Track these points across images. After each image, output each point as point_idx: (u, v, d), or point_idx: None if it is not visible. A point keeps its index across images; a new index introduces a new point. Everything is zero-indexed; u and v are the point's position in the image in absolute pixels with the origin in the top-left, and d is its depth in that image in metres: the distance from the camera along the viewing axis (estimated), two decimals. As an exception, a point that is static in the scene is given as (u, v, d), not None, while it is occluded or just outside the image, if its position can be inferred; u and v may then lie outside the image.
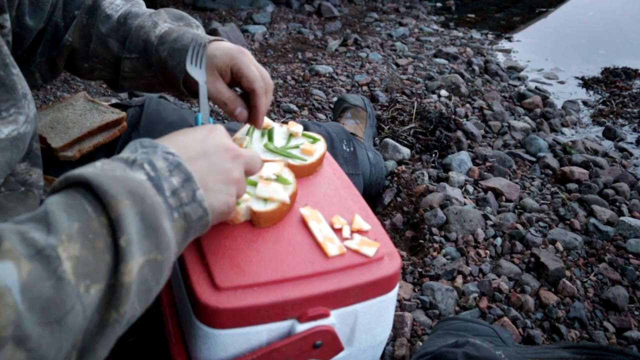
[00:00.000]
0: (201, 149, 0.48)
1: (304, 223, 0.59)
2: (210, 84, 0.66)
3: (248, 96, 0.67)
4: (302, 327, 0.52)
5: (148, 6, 0.76)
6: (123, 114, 0.86)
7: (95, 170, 0.39)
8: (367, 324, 0.58)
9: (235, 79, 0.67)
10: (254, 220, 0.57)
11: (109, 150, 0.84)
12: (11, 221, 0.36)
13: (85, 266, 0.35)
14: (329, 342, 0.54)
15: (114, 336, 0.38)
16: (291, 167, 0.65)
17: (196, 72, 0.65)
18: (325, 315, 0.53)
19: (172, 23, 0.71)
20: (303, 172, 0.67)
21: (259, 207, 0.57)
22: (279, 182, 0.60)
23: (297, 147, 0.69)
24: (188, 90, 0.71)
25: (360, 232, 0.59)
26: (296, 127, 0.71)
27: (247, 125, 0.71)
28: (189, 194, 0.44)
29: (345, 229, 0.59)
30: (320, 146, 0.70)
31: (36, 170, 0.57)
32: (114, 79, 0.76)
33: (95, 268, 0.36)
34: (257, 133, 0.71)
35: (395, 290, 0.59)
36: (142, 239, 0.38)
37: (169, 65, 0.68)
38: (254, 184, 0.60)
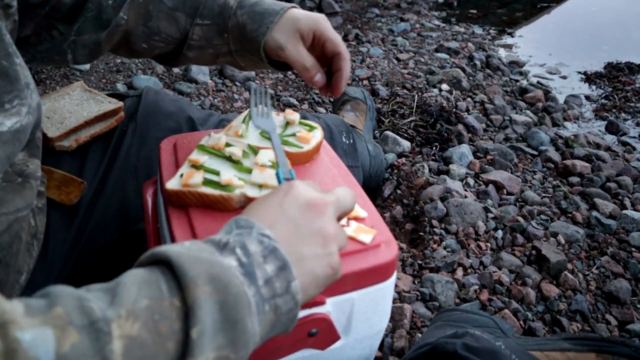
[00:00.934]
0: (284, 216, 0.43)
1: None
2: (292, 46, 0.65)
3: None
4: (297, 315, 0.51)
5: None
6: (120, 103, 0.86)
7: (181, 249, 0.36)
8: (364, 313, 0.57)
9: (316, 44, 0.67)
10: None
11: (106, 140, 0.84)
12: (84, 288, 0.33)
13: (140, 350, 0.31)
14: (325, 330, 0.53)
15: None
16: (287, 155, 0.64)
17: (265, 123, 0.61)
18: (321, 303, 0.52)
19: None
20: (299, 160, 0.66)
21: (253, 193, 0.56)
22: (274, 168, 0.60)
23: (293, 134, 0.68)
24: (269, 56, 0.69)
25: (357, 219, 0.58)
26: (293, 115, 0.71)
27: (244, 114, 0.70)
28: (283, 284, 0.38)
29: (342, 216, 0.58)
30: (317, 134, 0.69)
31: (34, 161, 0.56)
32: (174, 53, 0.73)
33: (151, 354, 0.31)
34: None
35: (393, 279, 0.58)
36: (216, 333, 0.33)
37: (248, 29, 0.66)
38: (249, 171, 0.59)
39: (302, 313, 0.51)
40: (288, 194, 0.45)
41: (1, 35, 0.45)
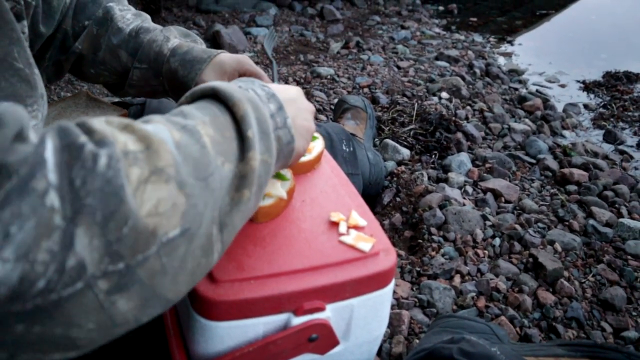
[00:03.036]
0: (291, 95, 0.55)
1: (301, 219, 0.60)
2: None
3: None
4: (298, 321, 0.53)
5: (152, 11, 0.82)
6: (125, 112, 0.88)
7: (220, 84, 0.45)
8: (363, 319, 0.59)
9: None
10: (252, 215, 0.58)
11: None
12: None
13: (220, 145, 0.40)
14: (325, 335, 0.55)
15: (248, 212, 0.44)
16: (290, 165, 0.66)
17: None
18: (321, 309, 0.54)
19: (180, 39, 0.79)
20: (302, 169, 0.67)
21: (256, 202, 0.58)
22: (276, 178, 0.61)
23: (295, 144, 0.70)
24: None
25: (356, 227, 0.60)
26: (295, 125, 0.72)
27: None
28: (282, 120, 0.49)
29: (342, 224, 0.60)
30: (319, 144, 0.71)
31: None
32: (118, 84, 0.83)
33: (227, 149, 0.41)
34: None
35: (391, 286, 0.59)
36: (260, 139, 0.44)
37: (180, 75, 0.75)
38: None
39: (303, 319, 0.53)
40: (298, 90, 0.58)
41: (24, 45, 0.48)
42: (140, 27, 0.79)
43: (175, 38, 0.79)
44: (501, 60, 2.35)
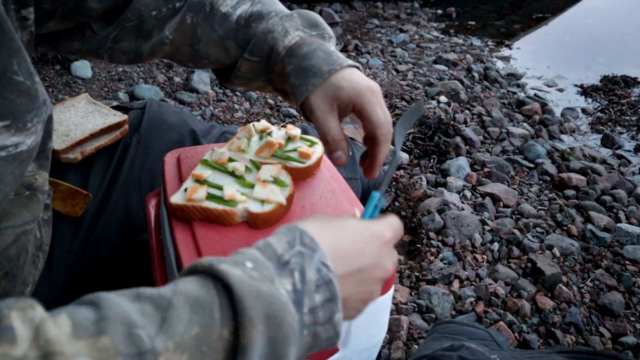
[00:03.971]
0: (359, 264, 0.43)
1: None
2: (322, 114, 0.59)
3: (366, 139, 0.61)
4: (297, 328, 0.53)
5: None
6: (125, 116, 0.87)
7: (243, 276, 0.35)
8: (362, 325, 0.58)
9: (357, 117, 0.60)
10: (251, 222, 0.58)
11: (111, 152, 0.85)
12: (135, 291, 0.33)
13: None
14: (324, 342, 0.55)
15: None
16: (288, 170, 0.66)
17: (398, 139, 0.58)
18: (321, 316, 0.54)
19: (304, 31, 0.63)
20: (300, 175, 0.67)
21: (256, 208, 0.58)
22: (276, 184, 0.61)
23: (295, 150, 0.69)
24: (303, 112, 0.64)
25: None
26: (294, 130, 0.72)
27: (247, 127, 0.72)
28: (327, 315, 0.39)
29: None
30: (318, 149, 0.70)
31: (42, 173, 0.57)
32: (225, 73, 0.70)
33: None
34: (255, 136, 0.72)
35: (390, 293, 0.59)
36: None
37: (291, 82, 0.61)
38: (252, 186, 0.61)
39: (302, 326, 0.53)
40: (379, 241, 0.45)
41: (24, 55, 0.46)
42: (251, 13, 0.64)
43: (297, 30, 0.63)
44: (499, 64, 2.35)
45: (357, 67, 0.61)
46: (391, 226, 0.48)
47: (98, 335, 0.29)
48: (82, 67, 1.77)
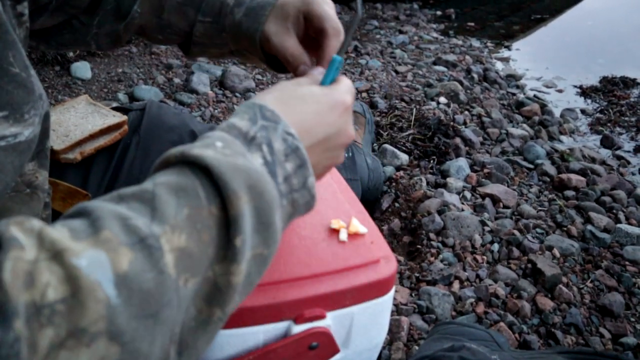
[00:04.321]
0: (323, 134, 0.45)
1: (301, 226, 0.60)
2: (276, 37, 0.59)
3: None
4: (298, 329, 0.53)
5: None
6: (124, 117, 0.87)
7: (217, 154, 0.36)
8: (363, 326, 0.58)
9: (306, 25, 0.60)
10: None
11: (110, 153, 0.85)
12: (116, 193, 0.34)
13: (188, 259, 0.33)
14: (325, 343, 0.55)
15: (216, 332, 0.37)
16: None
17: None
18: (322, 317, 0.54)
19: None
20: (301, 176, 0.67)
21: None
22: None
23: (295, 151, 0.69)
24: (266, 56, 0.64)
25: (357, 235, 0.60)
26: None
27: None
28: (301, 180, 0.41)
29: (342, 231, 0.60)
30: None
31: (42, 172, 0.58)
32: (187, 43, 0.70)
33: (197, 261, 0.33)
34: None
35: (391, 294, 0.59)
36: (253, 235, 0.36)
37: (244, 27, 0.61)
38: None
39: (303, 327, 0.53)
40: (341, 110, 0.46)
41: (19, 48, 0.46)
42: None
43: None
44: (499, 65, 2.36)
45: None
46: (349, 91, 0.49)
47: (97, 233, 0.30)
48: (82, 68, 1.77)
